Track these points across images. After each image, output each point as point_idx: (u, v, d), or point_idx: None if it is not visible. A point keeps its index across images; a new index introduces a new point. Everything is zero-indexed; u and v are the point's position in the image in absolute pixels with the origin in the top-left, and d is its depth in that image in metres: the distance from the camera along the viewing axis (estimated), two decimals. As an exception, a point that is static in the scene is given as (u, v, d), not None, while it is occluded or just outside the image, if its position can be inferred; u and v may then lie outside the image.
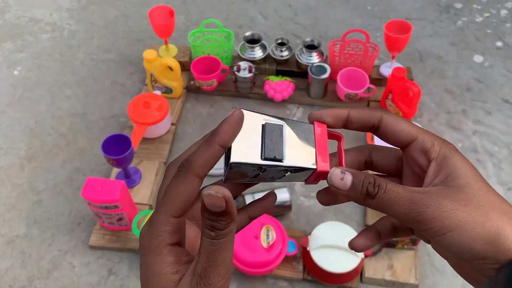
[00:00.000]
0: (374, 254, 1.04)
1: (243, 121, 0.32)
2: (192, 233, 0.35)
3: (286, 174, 0.33)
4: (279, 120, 0.33)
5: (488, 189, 0.31)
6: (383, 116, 0.34)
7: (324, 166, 0.33)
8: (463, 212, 0.30)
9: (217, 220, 0.29)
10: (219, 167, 0.32)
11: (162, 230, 0.31)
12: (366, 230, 0.37)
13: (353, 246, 0.37)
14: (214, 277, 0.29)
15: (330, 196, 0.36)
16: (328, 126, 0.35)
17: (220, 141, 0.31)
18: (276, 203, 1.17)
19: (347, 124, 0.35)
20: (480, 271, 0.30)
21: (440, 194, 0.31)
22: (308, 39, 1.39)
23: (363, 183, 0.32)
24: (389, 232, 0.37)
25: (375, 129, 0.35)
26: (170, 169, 0.34)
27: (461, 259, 0.31)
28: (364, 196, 0.32)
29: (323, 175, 0.34)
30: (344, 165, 0.35)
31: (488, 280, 0.31)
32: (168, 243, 0.31)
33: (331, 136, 0.35)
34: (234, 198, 1.03)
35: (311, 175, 0.34)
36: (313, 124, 0.34)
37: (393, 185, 0.31)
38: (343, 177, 0.32)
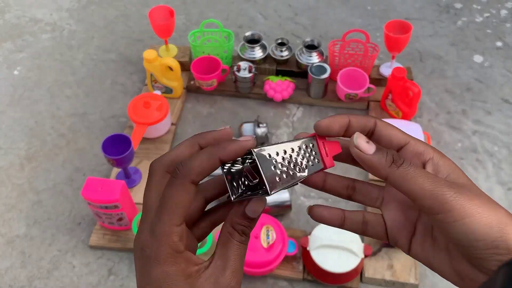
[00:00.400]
0: (374, 254, 1.04)
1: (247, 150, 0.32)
2: None
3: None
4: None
5: (481, 190, 0.33)
6: (377, 121, 0.35)
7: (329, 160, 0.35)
8: (478, 200, 0.30)
9: (248, 226, 0.32)
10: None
11: (170, 241, 0.31)
12: (334, 207, 0.37)
13: (311, 210, 0.37)
14: (238, 279, 0.32)
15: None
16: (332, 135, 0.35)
17: (222, 156, 0.31)
18: (276, 203, 1.17)
19: (348, 130, 0.35)
20: (484, 264, 0.30)
21: (455, 184, 0.31)
22: (308, 39, 1.39)
23: (387, 153, 0.32)
24: (356, 225, 0.37)
25: (371, 134, 0.35)
26: (156, 169, 0.33)
27: (472, 247, 0.30)
28: (389, 163, 0.31)
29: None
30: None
31: (488, 280, 0.31)
32: (178, 251, 0.31)
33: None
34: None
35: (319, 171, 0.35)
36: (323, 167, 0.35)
37: (416, 170, 0.31)
38: (368, 141, 0.32)
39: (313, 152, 0.34)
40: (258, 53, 1.40)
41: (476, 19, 1.65)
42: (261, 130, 1.23)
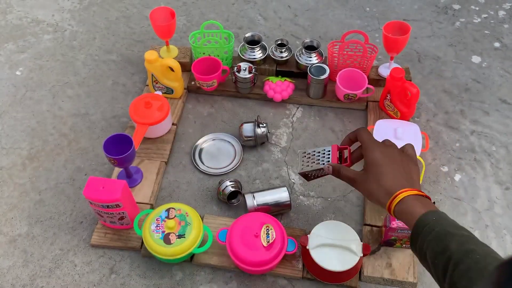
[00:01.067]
0: (373, 252, 1.05)
1: None
2: None
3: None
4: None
5: (382, 166, 0.84)
6: (357, 130, 0.93)
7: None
8: (370, 182, 0.84)
9: None
10: (215, 167, 0.34)
11: None
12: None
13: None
14: None
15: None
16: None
17: None
18: (276, 202, 1.19)
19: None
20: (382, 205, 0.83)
21: (360, 174, 0.87)
22: (307, 40, 1.40)
23: (335, 169, 0.92)
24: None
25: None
26: None
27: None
28: (336, 175, 0.92)
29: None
30: (350, 161, 0.94)
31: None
32: None
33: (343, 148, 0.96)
34: (235, 196, 1.08)
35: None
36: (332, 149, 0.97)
37: (344, 170, 0.90)
38: (329, 167, 0.93)
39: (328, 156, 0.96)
40: (258, 54, 1.41)
41: (474, 20, 1.67)
42: (261, 130, 1.24)
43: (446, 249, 0.69)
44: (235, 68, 1.35)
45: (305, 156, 0.99)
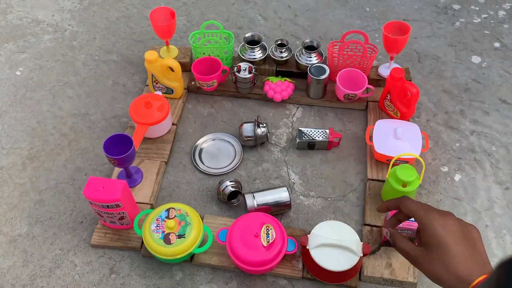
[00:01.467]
0: (373, 252, 1.05)
1: None
2: None
3: None
4: None
5: (448, 247, 0.71)
6: (399, 201, 0.82)
7: None
8: (435, 261, 0.71)
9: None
10: (215, 167, 0.34)
11: None
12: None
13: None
14: None
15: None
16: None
17: None
18: (276, 202, 1.19)
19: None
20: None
21: (419, 251, 0.74)
22: (307, 40, 1.40)
23: (392, 237, 0.81)
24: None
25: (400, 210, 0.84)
26: None
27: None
28: (392, 244, 0.80)
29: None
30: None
31: (487, 278, 0.38)
32: None
33: None
34: (235, 196, 1.07)
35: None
36: None
37: (400, 242, 0.79)
38: (387, 232, 0.83)
39: None
40: (258, 54, 1.41)
41: (474, 20, 1.67)
42: (261, 130, 1.24)
43: None
44: (235, 68, 1.35)
45: (303, 134, 1.23)
